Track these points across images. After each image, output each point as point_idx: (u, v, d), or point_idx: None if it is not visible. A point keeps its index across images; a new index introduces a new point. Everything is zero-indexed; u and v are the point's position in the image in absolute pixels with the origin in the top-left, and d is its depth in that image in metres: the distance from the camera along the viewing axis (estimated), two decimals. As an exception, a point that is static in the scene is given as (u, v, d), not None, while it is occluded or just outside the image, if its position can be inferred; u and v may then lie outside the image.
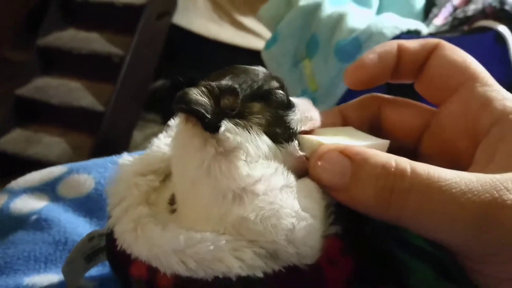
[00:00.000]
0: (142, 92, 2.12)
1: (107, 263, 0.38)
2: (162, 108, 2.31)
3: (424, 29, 1.12)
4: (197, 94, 0.23)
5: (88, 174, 0.47)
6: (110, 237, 0.28)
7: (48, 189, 0.47)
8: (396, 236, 0.27)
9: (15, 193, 0.46)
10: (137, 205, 0.27)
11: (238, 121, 0.24)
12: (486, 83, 0.26)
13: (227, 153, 0.24)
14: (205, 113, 0.23)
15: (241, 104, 0.25)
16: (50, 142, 1.94)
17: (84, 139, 1.91)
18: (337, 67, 1.13)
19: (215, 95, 0.24)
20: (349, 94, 1.13)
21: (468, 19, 1.00)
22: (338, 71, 1.13)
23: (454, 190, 0.20)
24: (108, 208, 0.29)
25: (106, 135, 1.89)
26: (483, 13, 0.96)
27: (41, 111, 2.01)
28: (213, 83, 0.25)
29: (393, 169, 0.22)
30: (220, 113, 0.24)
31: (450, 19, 1.12)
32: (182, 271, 0.23)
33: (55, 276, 0.37)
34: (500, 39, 0.90)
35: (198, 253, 0.22)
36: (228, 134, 0.24)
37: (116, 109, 1.90)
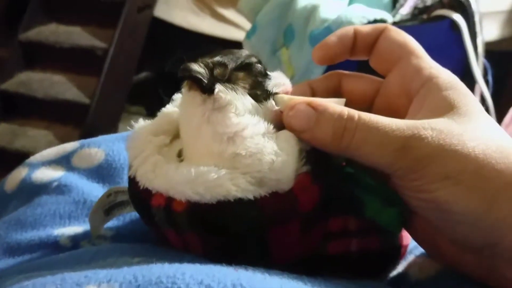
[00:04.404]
0: (126, 84, 2.16)
1: (121, 217, 0.46)
2: (146, 100, 2.35)
3: (390, 18, 1.22)
4: (196, 66, 0.32)
5: (98, 148, 0.53)
6: (132, 181, 0.34)
7: (63, 161, 0.52)
8: (351, 178, 0.34)
9: (34, 166, 0.53)
10: (154, 154, 0.34)
11: (228, 85, 0.32)
12: (419, 56, 0.34)
13: (221, 108, 0.31)
14: (202, 78, 0.31)
15: (229, 73, 0.33)
16: (36, 135, 1.95)
17: (70, 131, 1.94)
18: (311, 54, 1.21)
19: (210, 67, 0.32)
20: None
21: (427, 9, 1.10)
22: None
23: (387, 129, 0.29)
24: (129, 160, 0.35)
25: (92, 127, 1.92)
26: (441, 3, 1.07)
27: (26, 105, 2.02)
28: (208, 59, 0.33)
29: (345, 116, 0.30)
30: (214, 80, 0.32)
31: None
32: (194, 197, 0.30)
33: (79, 227, 0.44)
34: (454, 26, 1.01)
35: (206, 181, 0.30)
36: (221, 94, 0.31)
37: (101, 101, 1.93)
